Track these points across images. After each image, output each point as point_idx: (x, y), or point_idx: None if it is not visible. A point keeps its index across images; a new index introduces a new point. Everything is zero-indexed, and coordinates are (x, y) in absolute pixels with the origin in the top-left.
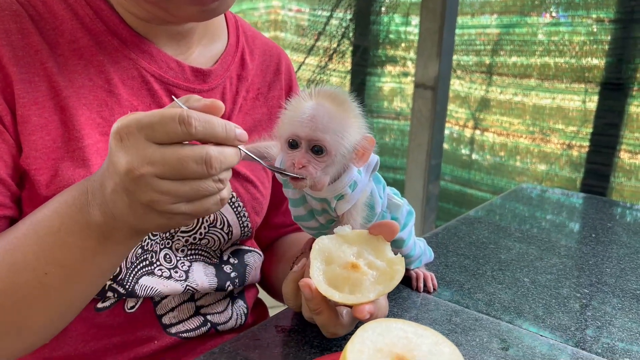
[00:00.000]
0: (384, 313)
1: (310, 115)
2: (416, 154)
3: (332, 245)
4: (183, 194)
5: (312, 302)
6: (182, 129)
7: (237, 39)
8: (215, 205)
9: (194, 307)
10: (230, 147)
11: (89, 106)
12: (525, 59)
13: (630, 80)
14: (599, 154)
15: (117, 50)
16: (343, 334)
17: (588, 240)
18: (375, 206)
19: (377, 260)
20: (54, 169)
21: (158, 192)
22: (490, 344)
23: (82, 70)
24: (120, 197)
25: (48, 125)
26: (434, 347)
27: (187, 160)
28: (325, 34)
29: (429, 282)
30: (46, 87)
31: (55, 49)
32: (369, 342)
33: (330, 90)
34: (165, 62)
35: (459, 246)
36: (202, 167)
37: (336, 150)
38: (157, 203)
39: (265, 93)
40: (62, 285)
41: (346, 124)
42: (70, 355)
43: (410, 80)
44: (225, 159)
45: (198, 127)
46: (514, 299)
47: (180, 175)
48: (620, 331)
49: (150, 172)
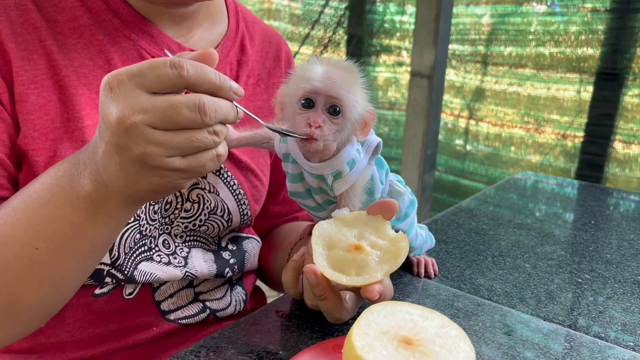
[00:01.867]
0: (390, 294)
1: (325, 72)
2: (412, 144)
3: (332, 230)
4: (177, 145)
5: (317, 288)
6: (173, 72)
7: (237, 24)
8: (211, 161)
9: (192, 294)
10: (226, 100)
11: (88, 86)
12: (520, 49)
13: (625, 71)
14: (593, 144)
15: (117, 30)
16: (347, 318)
17: (587, 227)
18: (375, 191)
19: (379, 239)
20: (53, 149)
21: (151, 142)
22: (493, 328)
23: (82, 49)
24: (111, 157)
25: (47, 105)
26: (440, 330)
27: (179, 107)
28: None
29: (430, 268)
30: (45, 65)
31: (55, 26)
32: (374, 325)
33: (339, 59)
34: (166, 44)
35: (459, 233)
36: (195, 114)
37: (350, 113)
38: (149, 156)
39: (266, 79)
40: (53, 261)
41: (358, 90)
42: (67, 342)
43: (405, 70)
44: (220, 108)
45: (190, 71)
46: (515, 285)
47: (173, 124)
48: (622, 316)
49: (142, 120)
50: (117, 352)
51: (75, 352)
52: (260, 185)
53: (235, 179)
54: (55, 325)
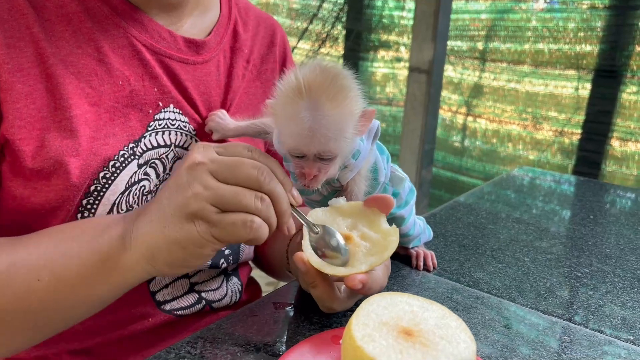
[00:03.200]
0: (380, 285)
1: (311, 131)
2: (409, 139)
3: (326, 218)
4: (222, 194)
5: (307, 276)
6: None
7: (229, 11)
8: (243, 225)
9: (188, 284)
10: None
11: (77, 75)
12: (519, 46)
13: (623, 68)
14: (590, 141)
15: (106, 18)
16: (340, 309)
17: (586, 222)
18: (379, 174)
19: (371, 231)
20: (40, 139)
21: (203, 184)
22: (492, 321)
23: (70, 37)
24: (159, 200)
25: (33, 94)
26: (441, 321)
27: (245, 163)
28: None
29: (429, 261)
30: (32, 52)
31: (42, 13)
32: (374, 315)
33: (322, 75)
34: (157, 32)
35: (457, 227)
36: (255, 171)
37: (342, 149)
38: (195, 197)
39: (259, 66)
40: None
41: (344, 116)
42: (63, 333)
43: (403, 65)
44: (275, 182)
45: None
46: (514, 278)
47: (233, 177)
48: (621, 310)
49: (207, 166)
50: (113, 342)
51: (71, 343)
52: None
53: None
54: None
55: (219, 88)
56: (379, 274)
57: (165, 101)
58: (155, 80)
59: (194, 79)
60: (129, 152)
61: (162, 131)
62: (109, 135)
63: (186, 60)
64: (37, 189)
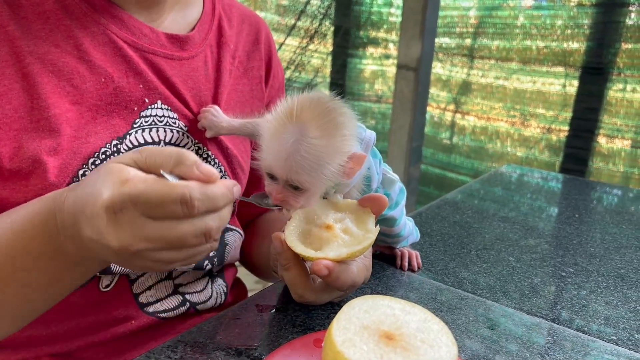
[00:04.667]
0: (352, 279)
1: (287, 154)
2: (398, 136)
3: (318, 207)
4: (176, 259)
5: (282, 257)
6: (183, 210)
7: (212, 6)
8: (200, 255)
9: (172, 286)
10: (228, 208)
11: (57, 73)
12: (507, 43)
13: (610, 65)
14: (578, 138)
15: (85, 15)
16: (312, 299)
17: (572, 220)
18: (372, 182)
19: (355, 227)
20: (17, 139)
21: (153, 260)
22: (476, 322)
23: (48, 35)
24: (103, 250)
25: (8, 94)
26: (422, 325)
27: (187, 237)
28: (306, 14)
29: (414, 261)
30: (7, 52)
31: (18, 11)
32: (355, 319)
33: (316, 105)
34: (138, 29)
35: (443, 226)
36: (201, 239)
37: (314, 186)
38: (144, 252)
39: (245, 63)
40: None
41: (328, 154)
42: (41, 336)
43: (392, 62)
44: (223, 223)
45: (201, 208)
46: (499, 278)
47: (179, 248)
48: (605, 309)
49: (147, 247)
50: (95, 345)
51: (51, 346)
52: (241, 172)
53: (222, 166)
54: None
55: (208, 83)
56: (353, 269)
57: (152, 97)
58: (140, 76)
59: (181, 75)
60: (111, 150)
61: (149, 128)
62: (91, 134)
63: (171, 55)
64: (16, 189)
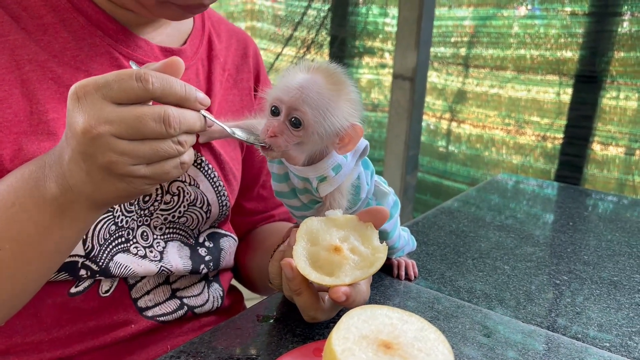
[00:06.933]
0: (363, 298)
1: (299, 85)
2: (394, 145)
3: (320, 227)
4: (142, 154)
5: (292, 282)
6: (139, 85)
7: (202, 22)
8: (175, 168)
9: (169, 290)
10: (191, 110)
11: (56, 80)
12: (501, 52)
13: (603, 73)
14: (572, 145)
15: (82, 28)
16: (323, 319)
17: (566, 228)
18: (361, 191)
19: (362, 246)
20: (18, 142)
21: (116, 152)
22: (472, 330)
23: (47, 45)
24: (78, 164)
25: (9, 99)
26: (420, 333)
27: (145, 118)
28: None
29: (410, 270)
30: (7, 59)
31: (19, 21)
32: (354, 329)
33: (330, 67)
34: (134, 41)
35: (439, 235)
36: (160, 125)
37: (314, 127)
38: (115, 164)
39: (234, 75)
40: (16, 262)
41: (334, 105)
42: (43, 341)
43: (388, 71)
44: (185, 119)
45: (155, 84)
46: (494, 286)
47: (139, 134)
48: (598, 316)
49: (107, 130)
50: (95, 350)
51: (53, 351)
52: (233, 179)
53: (216, 171)
54: (32, 325)
55: None
56: (363, 287)
57: None
58: None
59: None
60: None
61: None
62: None
63: None
64: None
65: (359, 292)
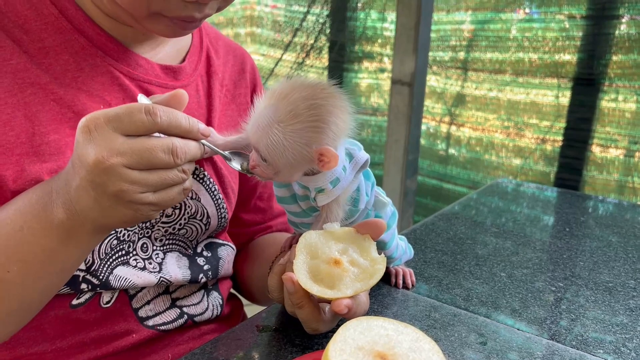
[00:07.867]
0: (363, 309)
1: (256, 123)
2: (394, 150)
3: (319, 241)
4: (151, 183)
5: (294, 296)
6: (148, 119)
7: (200, 39)
8: (179, 194)
9: (169, 300)
10: (193, 141)
11: (58, 102)
12: (500, 55)
13: (601, 76)
14: (571, 148)
15: (83, 49)
16: (324, 330)
17: (562, 234)
18: (360, 203)
19: (361, 258)
20: (20, 164)
21: (127, 181)
22: (469, 338)
23: (48, 67)
24: (86, 191)
25: (12, 121)
26: (414, 344)
27: (155, 150)
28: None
29: (408, 279)
30: (10, 83)
31: (20, 45)
32: (350, 341)
33: (303, 90)
34: (134, 60)
35: (437, 242)
36: (169, 156)
37: (275, 162)
38: (125, 193)
39: (232, 90)
40: (23, 282)
41: (289, 138)
42: (46, 352)
43: (387, 76)
44: (189, 150)
45: (163, 117)
46: (491, 294)
47: (149, 165)
48: (593, 323)
49: (119, 162)
50: (98, 359)
51: None
52: (231, 192)
53: (216, 185)
54: (35, 337)
55: (201, 109)
56: (363, 298)
57: None
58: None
59: None
60: None
61: None
62: None
63: (165, 85)
64: None
65: (360, 303)
